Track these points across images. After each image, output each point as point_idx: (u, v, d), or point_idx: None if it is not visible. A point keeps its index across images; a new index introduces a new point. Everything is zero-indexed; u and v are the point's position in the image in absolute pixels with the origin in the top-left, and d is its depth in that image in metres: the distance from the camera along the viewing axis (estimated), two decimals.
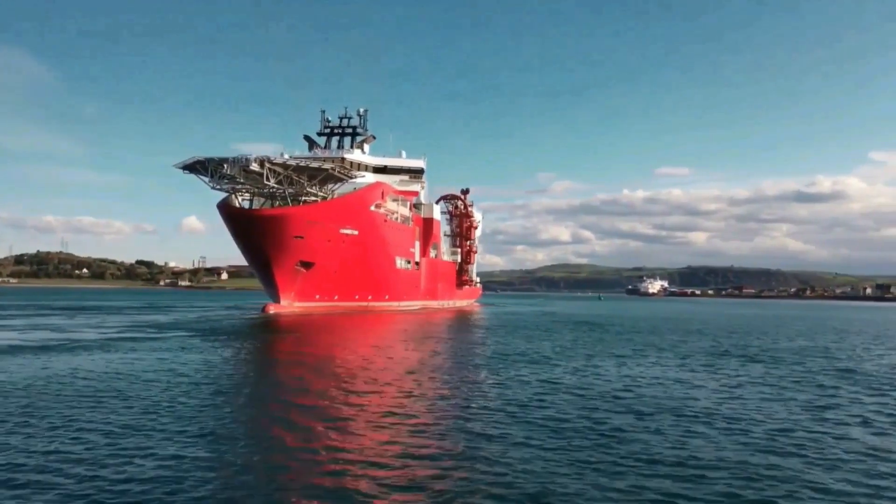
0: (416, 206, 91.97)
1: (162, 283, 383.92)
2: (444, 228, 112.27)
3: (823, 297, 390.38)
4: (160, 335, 39.92)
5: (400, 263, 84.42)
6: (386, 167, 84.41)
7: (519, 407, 17.84)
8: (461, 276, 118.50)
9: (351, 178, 69.33)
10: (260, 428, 15.03)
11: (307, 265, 65.69)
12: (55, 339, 36.14)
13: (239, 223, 64.62)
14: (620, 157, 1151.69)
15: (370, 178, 78.28)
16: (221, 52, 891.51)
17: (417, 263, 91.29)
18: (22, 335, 38.32)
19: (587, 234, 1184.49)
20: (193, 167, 62.37)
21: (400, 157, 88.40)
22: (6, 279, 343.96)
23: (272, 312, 63.76)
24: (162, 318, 60.73)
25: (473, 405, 18.04)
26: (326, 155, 79.95)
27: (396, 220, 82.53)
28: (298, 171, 63.45)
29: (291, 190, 65.39)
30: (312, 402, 18.14)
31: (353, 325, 54.61)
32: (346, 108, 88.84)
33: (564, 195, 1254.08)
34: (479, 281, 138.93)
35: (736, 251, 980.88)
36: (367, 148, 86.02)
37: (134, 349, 30.95)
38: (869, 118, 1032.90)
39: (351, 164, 77.77)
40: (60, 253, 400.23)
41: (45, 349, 30.13)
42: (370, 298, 77.43)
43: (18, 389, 19.10)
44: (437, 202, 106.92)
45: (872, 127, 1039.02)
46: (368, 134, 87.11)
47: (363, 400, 18.47)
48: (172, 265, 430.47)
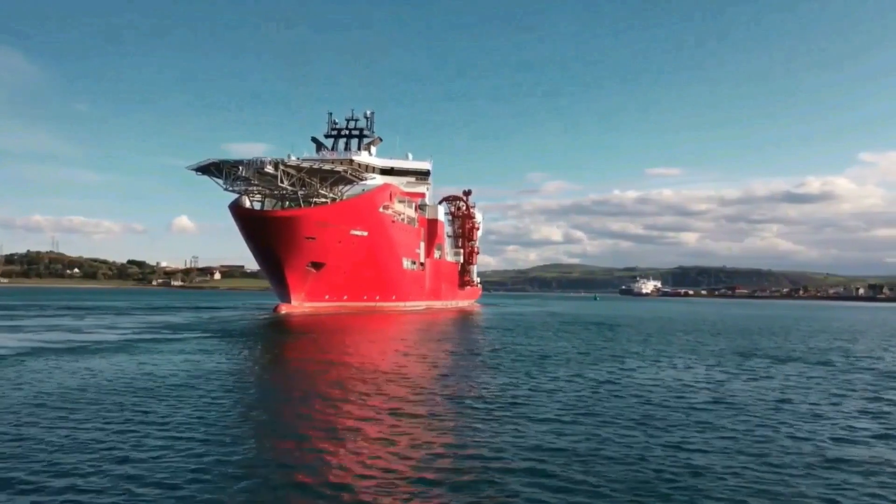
0: (420, 207, 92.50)
1: (154, 282, 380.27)
2: (446, 229, 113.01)
3: (817, 297, 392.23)
4: (177, 336, 39.64)
5: (406, 264, 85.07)
6: (393, 169, 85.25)
7: (577, 411, 17.53)
8: (463, 276, 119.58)
9: (362, 180, 69.99)
10: (305, 430, 14.95)
11: (318, 266, 66.28)
12: (76, 340, 35.79)
13: (251, 224, 65.11)
14: (612, 157, 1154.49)
15: (379, 179, 79.01)
16: (216, 51, 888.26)
17: (422, 264, 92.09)
18: (40, 336, 37.93)
19: (579, 234, 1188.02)
20: (207, 169, 62.94)
21: (406, 158, 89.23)
22: None
23: (284, 312, 64.54)
24: (172, 319, 60.56)
25: (537, 414, 17.19)
26: (334, 157, 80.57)
27: (403, 221, 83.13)
28: (311, 173, 64.02)
29: (303, 191, 66.03)
30: (356, 407, 17.80)
31: (365, 325, 54.97)
32: (352, 110, 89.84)
33: (556, 195, 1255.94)
34: (479, 281, 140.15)
35: (727, 251, 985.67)
36: (373, 150, 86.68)
37: (158, 351, 30.78)
38: (859, 119, 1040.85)
39: (359, 165, 78.46)
40: (51, 252, 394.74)
41: (72, 351, 29.91)
42: (378, 298, 78.09)
43: (73, 391, 19.18)
44: (439, 203, 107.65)
45: (862, 128, 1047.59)
46: (375, 136, 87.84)
47: (414, 408, 17.84)
48: (164, 265, 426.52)
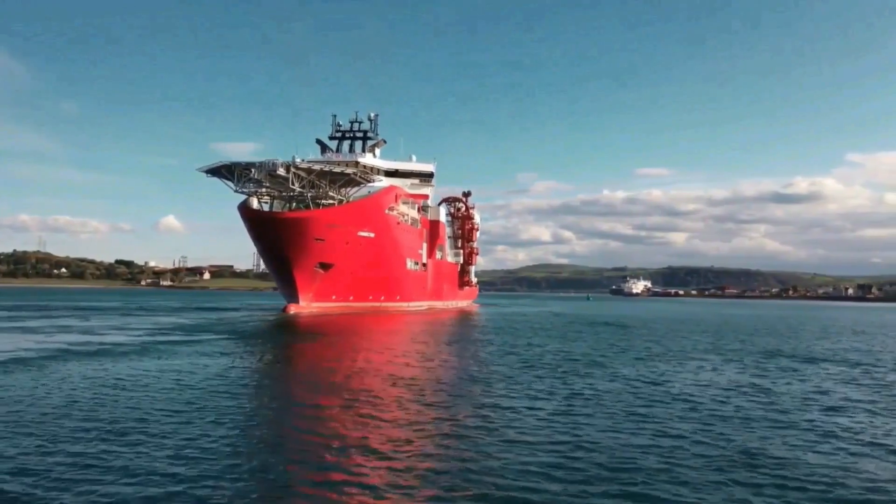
0: (423, 208, 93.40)
1: (143, 282, 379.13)
2: (446, 230, 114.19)
3: (806, 297, 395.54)
4: (194, 338, 39.03)
5: (409, 265, 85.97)
6: (397, 171, 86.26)
7: (634, 418, 17.16)
8: (463, 276, 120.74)
9: (370, 182, 70.98)
10: (337, 433, 14.92)
11: (326, 266, 67.05)
12: (94, 342, 35.02)
13: (261, 225, 65.77)
14: (601, 157, 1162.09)
15: (384, 181, 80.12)
16: (203, 51, 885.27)
17: (424, 265, 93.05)
18: (55, 338, 37.15)
19: (568, 234, 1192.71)
20: (218, 171, 63.73)
21: (410, 161, 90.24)
22: None
23: (293, 313, 65.43)
24: (180, 320, 60.20)
25: (592, 422, 16.65)
26: (340, 159, 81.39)
27: (407, 222, 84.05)
28: (321, 175, 64.85)
29: (312, 193, 66.93)
30: (383, 411, 17.48)
31: (375, 325, 55.50)
32: (356, 112, 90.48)
33: (545, 195, 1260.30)
34: (476, 281, 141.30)
35: (715, 251, 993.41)
36: (377, 152, 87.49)
37: (182, 353, 30.25)
38: (846, 120, 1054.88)
39: (364, 167, 79.47)
40: (38, 252, 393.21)
41: (96, 354, 29.14)
42: (383, 299, 78.94)
43: (114, 396, 18.90)
44: (438, 204, 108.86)
45: (849, 129, 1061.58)
46: (379, 138, 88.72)
47: (443, 414, 17.20)
48: (153, 265, 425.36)
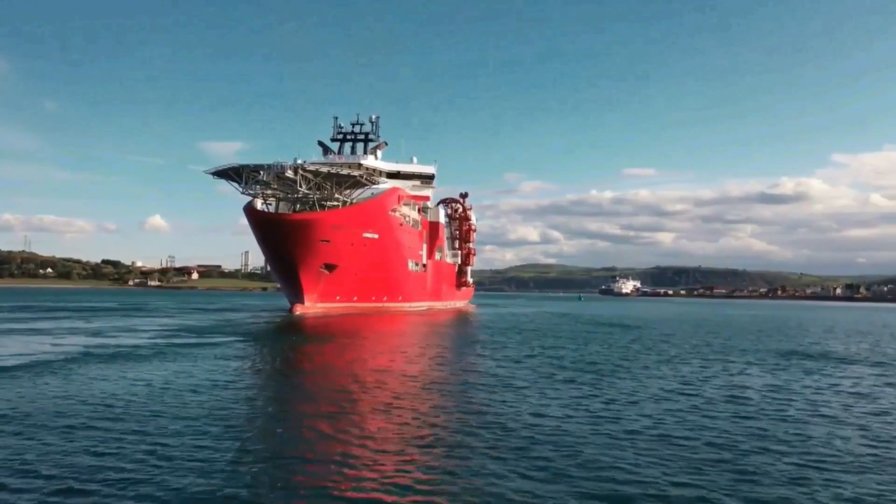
0: (423, 209, 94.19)
1: (131, 282, 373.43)
2: (444, 231, 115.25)
3: (795, 296, 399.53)
4: (206, 341, 38.23)
5: (411, 266, 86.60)
6: (399, 173, 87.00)
7: (683, 428, 16.09)
8: (460, 277, 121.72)
9: (375, 184, 71.85)
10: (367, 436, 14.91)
11: (331, 267, 67.67)
12: (109, 345, 34.40)
13: (267, 227, 66.32)
14: (589, 157, 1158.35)
15: (387, 183, 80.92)
16: (190, 50, 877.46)
17: (425, 265, 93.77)
18: (69, 340, 36.54)
19: (556, 234, 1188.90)
20: (225, 173, 64.38)
21: (412, 162, 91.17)
22: None
23: (298, 313, 66.34)
24: (187, 321, 59.50)
25: (643, 430, 15.84)
26: (342, 160, 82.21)
27: (409, 223, 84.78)
28: (328, 177, 65.52)
29: (319, 195, 67.77)
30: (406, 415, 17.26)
31: (380, 326, 55.78)
32: (357, 115, 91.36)
33: (533, 195, 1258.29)
34: (472, 282, 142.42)
35: (702, 251, 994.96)
36: (379, 154, 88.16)
37: (201, 356, 29.74)
38: (831, 121, 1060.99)
39: (368, 169, 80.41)
40: (23, 252, 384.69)
41: (116, 357, 28.72)
42: (385, 299, 79.67)
43: (145, 400, 18.82)
44: (436, 205, 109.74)
45: (835, 130, 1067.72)
46: (381, 140, 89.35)
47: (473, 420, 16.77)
48: (140, 265, 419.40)
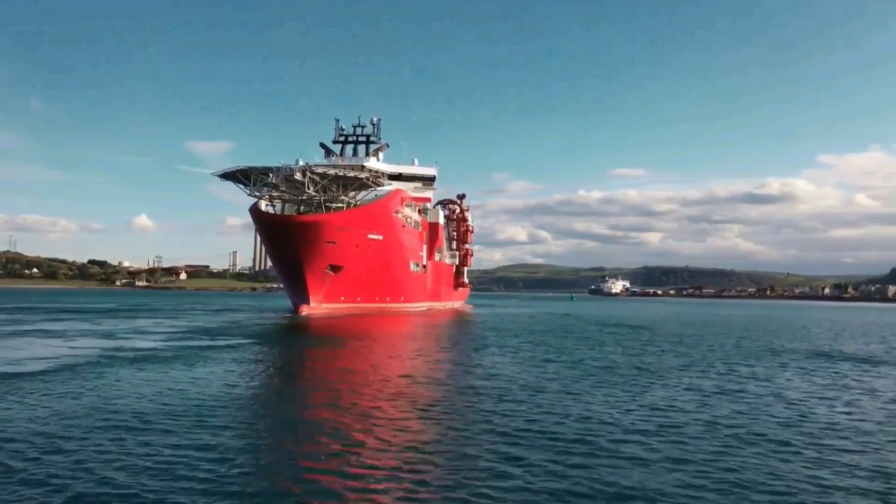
0: (423, 210, 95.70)
1: (118, 283, 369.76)
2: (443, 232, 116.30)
3: (783, 296, 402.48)
4: (220, 343, 38.12)
5: (412, 266, 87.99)
6: (401, 174, 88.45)
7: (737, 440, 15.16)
8: (458, 277, 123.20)
9: (379, 186, 73.06)
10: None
11: (336, 268, 68.78)
12: (128, 347, 34.44)
13: (273, 228, 67.44)
14: (577, 157, 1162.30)
15: (390, 185, 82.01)
16: (179, 50, 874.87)
17: (425, 266, 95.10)
18: (82, 343, 36.69)
19: (543, 234, 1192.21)
20: (233, 175, 65.22)
21: (413, 164, 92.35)
22: None
23: (304, 314, 67.20)
24: (195, 323, 59.38)
25: (692, 442, 14.97)
26: (344, 162, 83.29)
27: (410, 225, 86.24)
28: (335, 179, 66.76)
29: (325, 196, 68.76)
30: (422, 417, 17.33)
31: (385, 327, 56.67)
32: (359, 117, 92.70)
33: (521, 195, 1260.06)
34: (469, 282, 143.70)
35: (689, 251, 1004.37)
36: (381, 156, 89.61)
37: (212, 359, 29.62)
38: (817, 122, 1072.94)
39: (371, 171, 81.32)
40: (8, 252, 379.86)
41: (139, 361, 28.58)
42: (388, 300, 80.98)
43: (183, 404, 18.71)
44: (435, 206, 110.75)
45: (820, 130, 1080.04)
46: (382, 142, 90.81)
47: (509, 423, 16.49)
48: (127, 265, 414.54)
